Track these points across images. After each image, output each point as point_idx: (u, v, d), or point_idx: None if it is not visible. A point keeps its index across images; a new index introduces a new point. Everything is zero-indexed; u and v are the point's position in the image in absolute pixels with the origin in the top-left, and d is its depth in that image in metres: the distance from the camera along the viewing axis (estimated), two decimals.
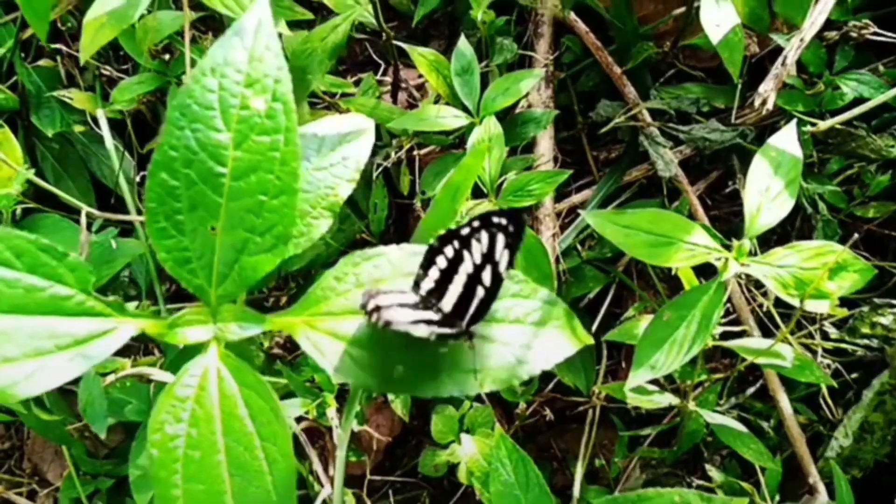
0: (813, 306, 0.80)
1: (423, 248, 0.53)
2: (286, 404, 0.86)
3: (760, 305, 1.04)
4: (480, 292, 0.50)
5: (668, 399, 0.96)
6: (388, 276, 0.52)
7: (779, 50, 0.96)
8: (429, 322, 0.48)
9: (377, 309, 0.46)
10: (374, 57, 1.14)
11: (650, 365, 0.78)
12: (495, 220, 0.49)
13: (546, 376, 1.09)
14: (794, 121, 0.80)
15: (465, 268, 0.51)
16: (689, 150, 1.07)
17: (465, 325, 0.50)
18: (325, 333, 0.51)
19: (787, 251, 0.75)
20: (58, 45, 1.05)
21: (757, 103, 0.89)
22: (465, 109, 0.95)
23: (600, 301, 1.10)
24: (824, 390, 1.04)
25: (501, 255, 0.50)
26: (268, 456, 0.48)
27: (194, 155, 0.49)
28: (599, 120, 1.07)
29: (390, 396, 1.01)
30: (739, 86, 1.07)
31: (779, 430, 1.04)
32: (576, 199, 1.08)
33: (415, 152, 1.06)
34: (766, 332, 1.04)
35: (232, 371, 0.50)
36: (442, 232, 0.51)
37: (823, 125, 0.93)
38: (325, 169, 0.64)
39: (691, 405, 0.96)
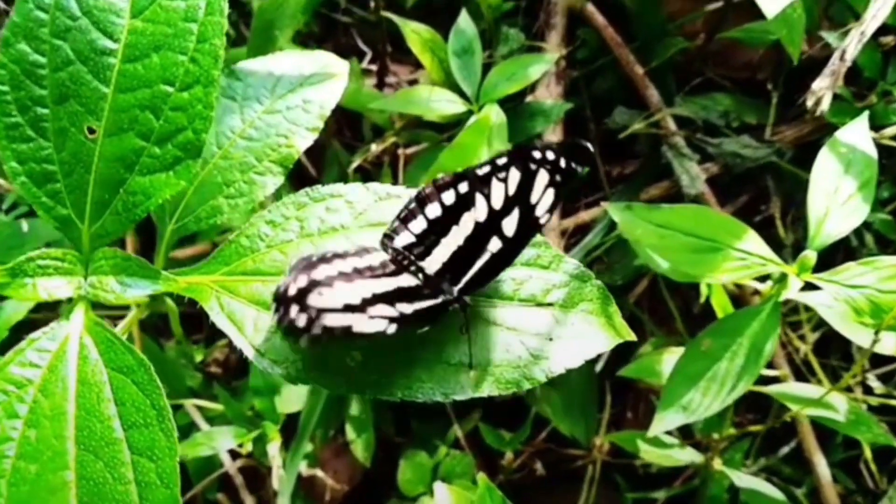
0: (882, 345, 0.64)
1: (398, 191, 0.37)
2: (216, 431, 0.68)
3: (796, 350, 0.88)
4: (495, 246, 0.35)
5: (689, 455, 0.79)
6: (348, 224, 0.36)
7: (819, 62, 0.83)
8: (397, 319, 0.32)
9: (304, 307, 0.30)
10: (361, 45, 1.00)
11: (682, 405, 0.61)
12: (536, 153, 0.35)
13: (538, 422, 0.92)
14: (866, 113, 0.65)
15: (473, 215, 0.35)
16: (716, 168, 0.92)
17: (456, 291, 0.34)
18: (248, 300, 0.34)
19: (863, 267, 0.59)
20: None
21: (810, 103, 0.74)
22: (462, 96, 0.80)
23: None
24: (867, 454, 0.88)
25: (542, 195, 0.34)
26: (142, 478, 0.31)
27: (72, 20, 0.33)
28: (615, 128, 0.92)
29: (350, 435, 0.83)
30: (775, 99, 0.93)
31: (812, 500, 0.87)
32: (584, 215, 0.92)
33: (400, 151, 0.90)
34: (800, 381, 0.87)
35: (101, 348, 0.33)
36: (439, 176, 0.36)
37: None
38: (278, 112, 0.48)
39: (717, 464, 0.79)
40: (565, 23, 0.92)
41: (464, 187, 0.36)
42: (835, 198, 0.61)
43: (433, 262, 0.35)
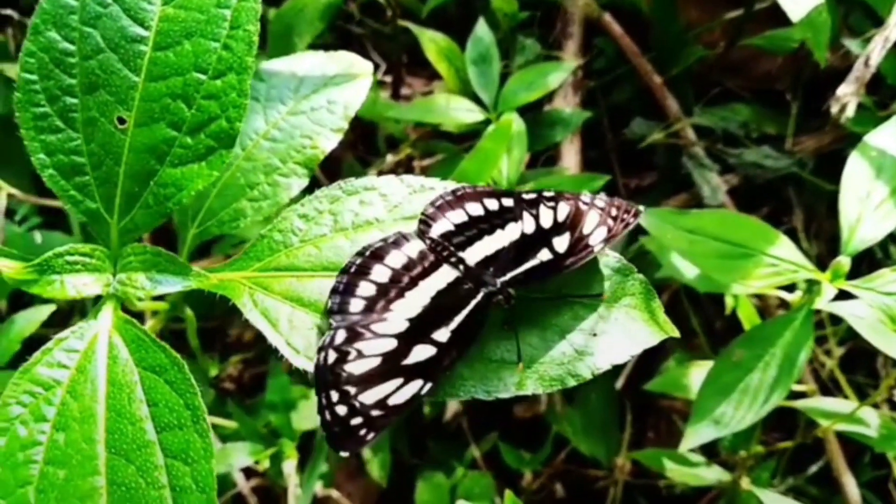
0: None
1: (433, 182, 0.36)
2: (230, 448, 0.66)
3: (822, 365, 0.87)
4: (545, 256, 0.34)
5: (716, 474, 0.77)
6: (382, 217, 0.35)
7: (840, 72, 0.82)
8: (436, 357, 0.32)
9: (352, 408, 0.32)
10: (376, 58, 0.99)
11: (714, 418, 0.60)
12: (586, 198, 0.36)
13: (558, 443, 0.90)
14: (895, 118, 0.64)
15: (520, 227, 0.35)
16: (736, 180, 0.91)
17: (499, 283, 0.33)
18: (283, 297, 0.33)
19: None
20: (8, 12, 0.90)
21: (834, 109, 0.73)
22: (480, 105, 0.79)
23: None
24: None
25: (595, 229, 0.35)
26: (176, 482, 0.30)
27: (102, 7, 0.32)
28: (633, 138, 0.91)
29: (365, 455, 0.81)
30: (795, 109, 0.92)
31: None
32: None
33: (415, 163, 0.89)
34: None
35: (132, 347, 0.31)
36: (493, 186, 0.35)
37: None
38: (302, 114, 0.47)
39: (745, 483, 0.77)
40: (582, 32, 0.92)
41: (508, 202, 0.36)
42: (867, 202, 0.60)
43: (474, 254, 0.34)
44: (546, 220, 0.35)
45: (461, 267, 0.33)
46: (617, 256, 0.36)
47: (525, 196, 0.36)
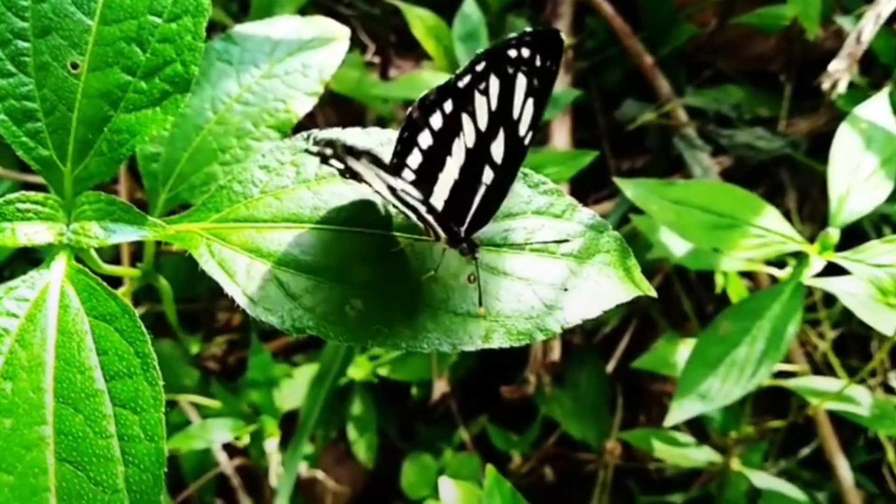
0: None
1: (397, 135, 0.35)
2: (210, 423, 0.65)
3: (815, 348, 0.85)
4: (487, 177, 0.32)
5: (706, 455, 0.76)
6: None
7: (833, 52, 0.81)
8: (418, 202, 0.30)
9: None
10: (364, 39, 0.98)
11: (700, 393, 0.59)
12: (511, 52, 0.31)
13: (548, 427, 0.89)
14: (886, 90, 0.63)
15: (464, 141, 0.33)
16: (728, 161, 0.90)
17: (463, 231, 0.32)
18: (242, 248, 0.32)
19: (888, 246, 0.56)
20: None
21: (826, 85, 0.73)
22: None
23: (618, 338, 0.91)
24: (890, 457, 0.84)
25: (522, 108, 0.31)
26: (124, 431, 0.29)
27: None
28: (624, 120, 0.90)
29: (351, 436, 0.80)
30: (788, 91, 0.91)
31: None
32: (593, 210, 0.90)
33: None
34: None
35: (83, 296, 0.30)
36: (423, 93, 0.34)
37: None
38: (275, 77, 0.47)
39: (735, 465, 0.76)
40: (573, 13, 0.91)
41: (449, 106, 0.33)
42: (856, 174, 0.59)
43: (436, 202, 0.33)
44: (482, 116, 0.32)
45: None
46: (591, 212, 0.35)
47: (460, 84, 0.33)
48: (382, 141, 0.35)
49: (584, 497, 0.89)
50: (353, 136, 0.35)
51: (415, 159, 0.33)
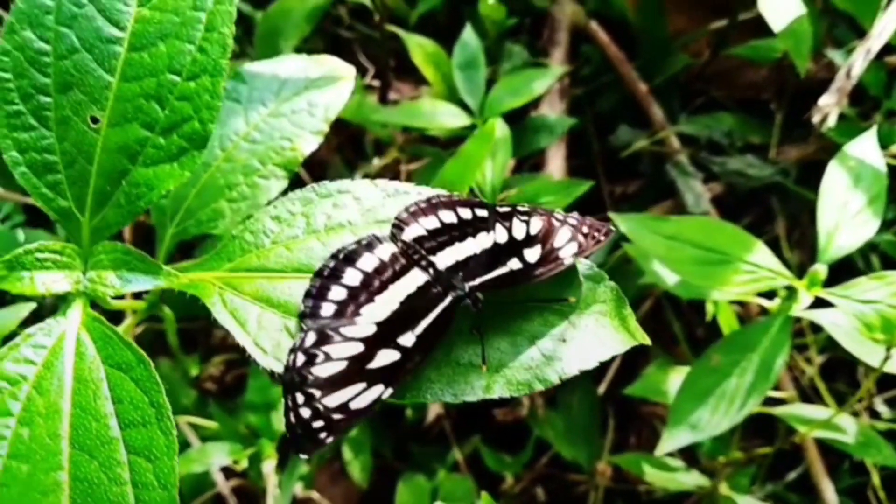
0: (892, 363, 0.63)
1: (407, 187, 0.36)
2: (209, 447, 0.66)
3: (802, 373, 0.87)
4: (515, 265, 0.35)
5: (695, 479, 0.77)
6: (355, 220, 0.35)
7: (824, 83, 0.82)
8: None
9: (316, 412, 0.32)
10: (364, 62, 1.00)
11: (690, 423, 0.60)
12: (559, 215, 0.37)
13: (540, 448, 0.90)
14: (874, 128, 0.65)
15: (492, 237, 0.36)
16: (720, 188, 0.92)
17: (468, 287, 0.33)
18: (253, 297, 0.33)
19: (874, 282, 0.58)
20: None
21: (815, 119, 0.74)
22: (466, 110, 0.79)
23: (609, 361, 0.92)
24: (875, 480, 0.86)
25: (566, 244, 0.35)
26: (138, 479, 0.30)
27: (78, 7, 0.32)
28: (618, 146, 0.92)
29: (346, 456, 0.81)
30: (779, 119, 0.93)
31: None
32: None
33: (402, 167, 0.90)
34: None
35: (99, 344, 0.32)
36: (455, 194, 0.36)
37: None
38: (283, 116, 0.48)
39: (723, 489, 0.77)
40: (569, 40, 0.92)
41: (482, 212, 0.36)
42: (844, 211, 0.61)
43: (445, 259, 0.34)
44: (519, 231, 0.36)
45: (431, 271, 0.34)
46: (589, 263, 0.36)
47: (499, 208, 0.36)
48: (389, 192, 0.36)
49: None
50: (361, 187, 0.36)
51: (430, 223, 0.35)
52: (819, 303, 0.61)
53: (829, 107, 0.75)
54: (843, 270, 0.89)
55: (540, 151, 0.86)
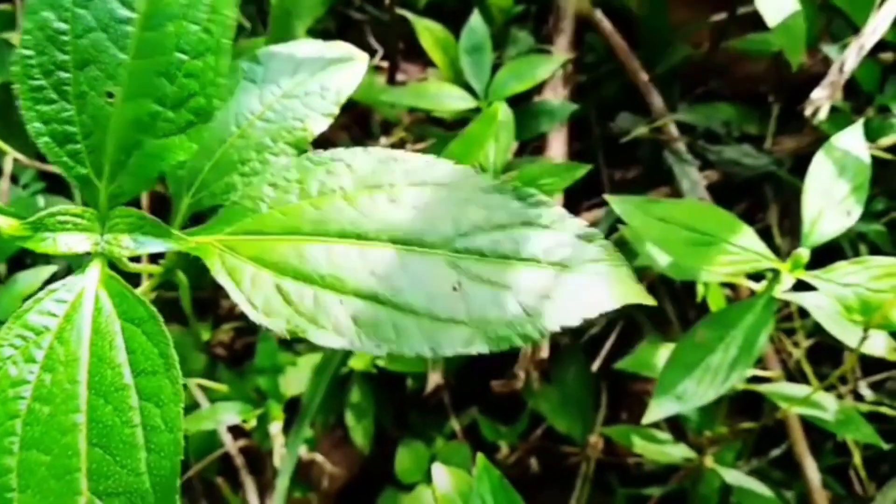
0: (871, 345, 0.65)
1: (399, 154, 0.38)
2: (219, 406, 0.69)
3: (790, 355, 0.90)
4: None
5: (682, 451, 0.80)
6: (348, 187, 0.38)
7: (820, 77, 0.84)
8: None
9: None
10: (373, 44, 1.02)
11: (676, 394, 0.63)
12: None
13: (536, 420, 0.93)
14: (861, 121, 0.67)
15: None
16: (716, 176, 0.94)
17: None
18: (249, 259, 0.36)
19: (854, 266, 0.61)
20: None
21: (808, 112, 0.76)
22: (471, 93, 0.82)
23: (604, 339, 0.95)
24: (857, 460, 0.89)
25: None
26: (148, 422, 0.33)
27: None
28: (618, 132, 0.94)
29: (349, 422, 0.85)
30: (776, 111, 0.95)
31: None
32: (585, 218, 0.94)
33: (408, 146, 0.92)
34: None
35: (115, 300, 0.35)
36: None
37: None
38: (296, 97, 0.50)
39: (709, 462, 0.80)
40: (574, 28, 0.94)
41: None
42: (829, 199, 0.63)
43: None
44: None
45: None
46: (581, 222, 0.37)
47: None
48: (381, 159, 0.38)
49: (567, 488, 0.94)
50: (354, 155, 0.38)
51: None
52: (804, 287, 0.64)
53: (821, 100, 0.77)
54: (833, 260, 0.92)
55: (542, 135, 0.88)
